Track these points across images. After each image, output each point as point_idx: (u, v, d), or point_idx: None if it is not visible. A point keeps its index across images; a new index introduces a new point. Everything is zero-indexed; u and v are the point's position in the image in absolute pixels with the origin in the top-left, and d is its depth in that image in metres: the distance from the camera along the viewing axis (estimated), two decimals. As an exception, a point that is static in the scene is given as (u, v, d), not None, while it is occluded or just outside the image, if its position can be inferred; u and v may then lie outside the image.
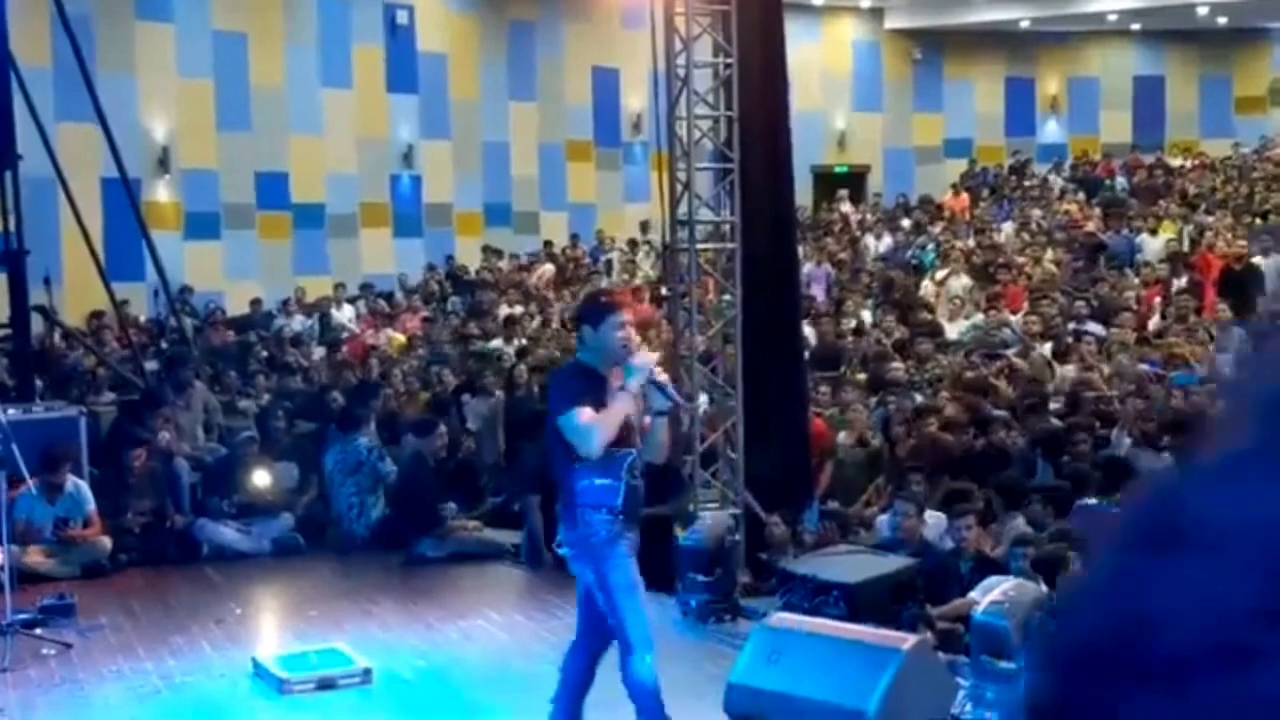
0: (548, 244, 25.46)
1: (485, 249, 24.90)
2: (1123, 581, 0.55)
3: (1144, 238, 20.01)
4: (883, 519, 9.99)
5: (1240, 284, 16.61)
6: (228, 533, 11.51)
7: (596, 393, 5.91)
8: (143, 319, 20.02)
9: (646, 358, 6.06)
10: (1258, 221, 19.93)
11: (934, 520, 9.42)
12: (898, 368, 14.06)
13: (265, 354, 17.68)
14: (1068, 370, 13.65)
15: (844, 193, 27.55)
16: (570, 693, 6.26)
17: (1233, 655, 0.50)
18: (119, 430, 12.45)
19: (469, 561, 11.06)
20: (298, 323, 20.82)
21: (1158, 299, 17.05)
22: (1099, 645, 0.54)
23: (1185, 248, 19.36)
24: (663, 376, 6.15)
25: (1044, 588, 7.09)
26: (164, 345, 17.79)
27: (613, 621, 6.05)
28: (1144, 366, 13.01)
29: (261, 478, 11.99)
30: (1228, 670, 0.50)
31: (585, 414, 5.85)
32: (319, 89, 23.93)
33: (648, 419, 6.16)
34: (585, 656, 6.27)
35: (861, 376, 14.18)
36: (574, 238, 26.21)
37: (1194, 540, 0.53)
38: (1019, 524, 9.18)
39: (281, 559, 11.41)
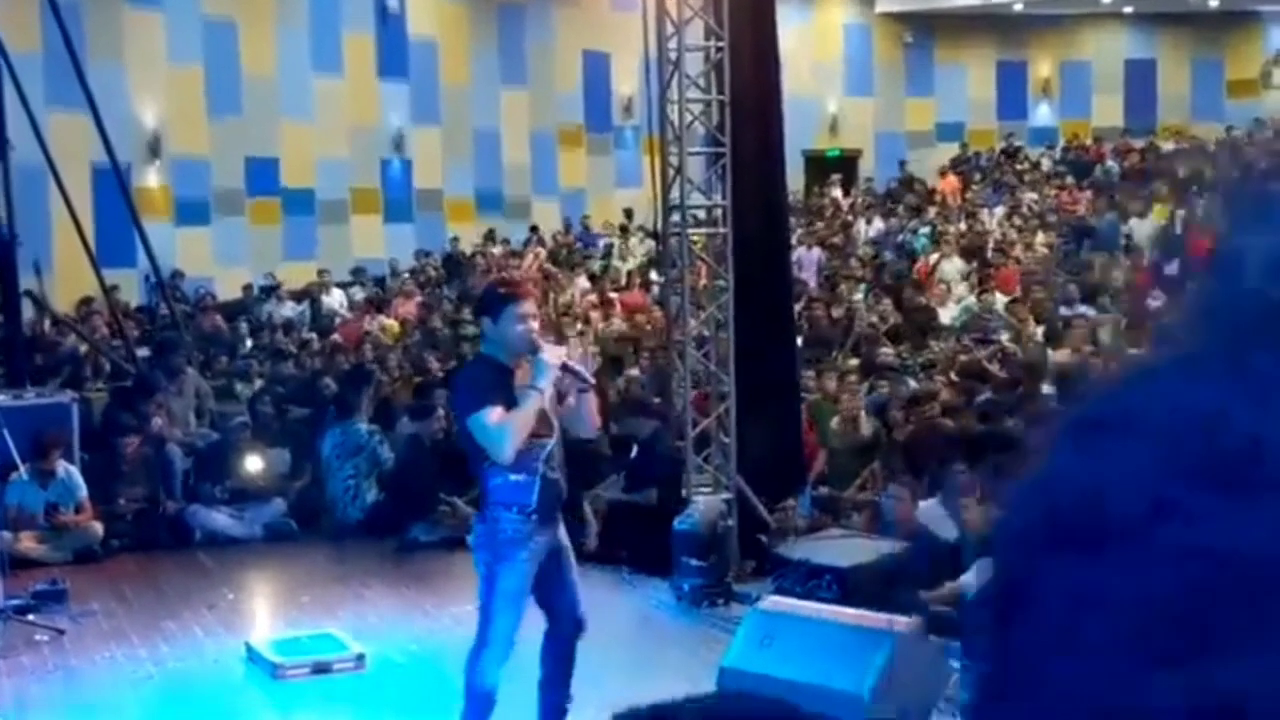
0: (533, 229, 25.45)
1: (486, 235, 24.91)
2: (1056, 469, 0.61)
3: (1134, 222, 20.02)
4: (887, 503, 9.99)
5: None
6: (220, 518, 11.51)
7: (505, 390, 5.71)
8: (134, 305, 20.00)
9: (554, 352, 5.83)
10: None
11: (926, 506, 9.42)
12: (888, 352, 14.07)
13: (252, 341, 17.67)
14: (1060, 355, 13.66)
15: (836, 177, 27.54)
16: (550, 680, 6.24)
17: (1159, 514, 0.56)
18: (111, 416, 12.44)
19: (462, 546, 11.03)
20: (288, 309, 20.79)
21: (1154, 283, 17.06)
22: (1033, 526, 0.60)
23: (1178, 231, 19.36)
24: (574, 362, 5.97)
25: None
26: (155, 331, 17.76)
27: (481, 618, 5.96)
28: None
29: (254, 463, 11.99)
30: (1153, 529, 0.56)
31: (495, 414, 5.63)
32: (309, 75, 23.86)
33: (570, 399, 6.01)
34: (556, 642, 6.26)
35: (854, 361, 14.20)
36: (567, 223, 26.20)
37: (1129, 428, 0.59)
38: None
39: (274, 544, 11.40)
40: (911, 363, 13.80)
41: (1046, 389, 12.27)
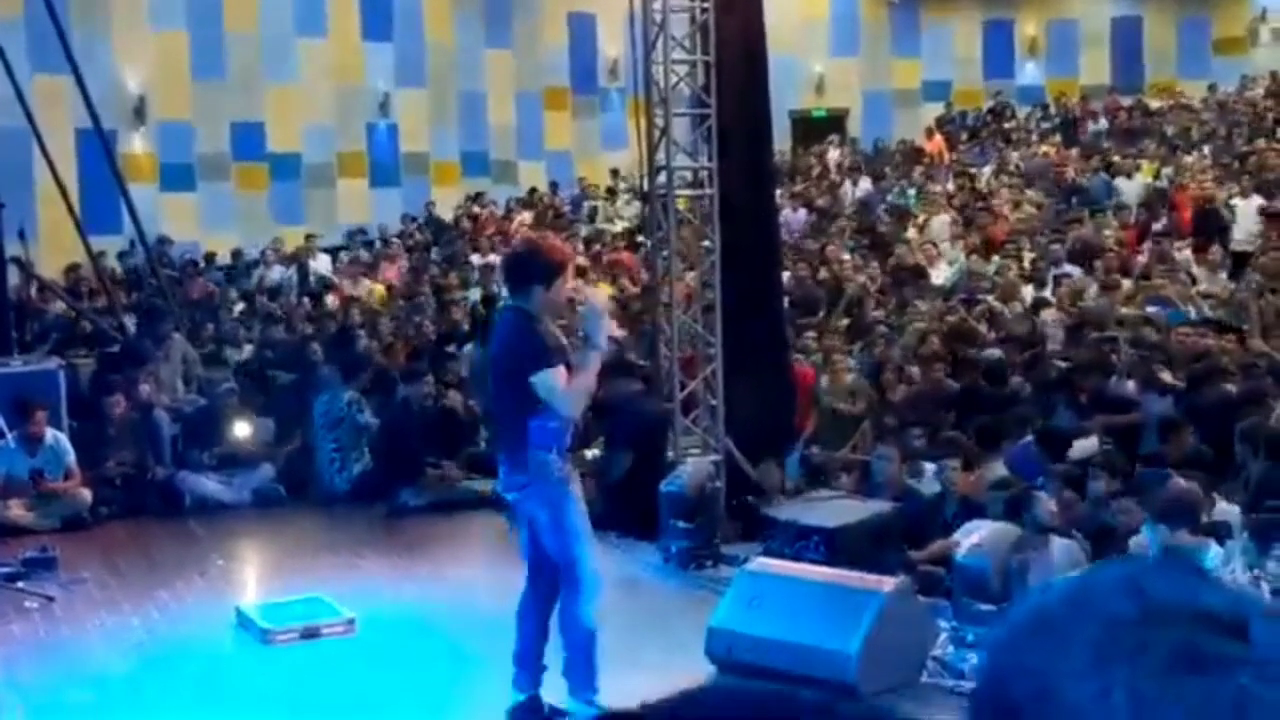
0: (533, 191, 25.42)
1: (470, 197, 24.84)
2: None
3: (1120, 180, 20.00)
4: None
5: (1215, 223, 16.68)
6: (209, 484, 11.51)
7: (560, 348, 5.92)
8: (120, 271, 19.95)
9: (600, 299, 6.03)
10: (1236, 163, 19.93)
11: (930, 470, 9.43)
12: (878, 314, 14.07)
13: (241, 305, 17.64)
14: (1048, 314, 13.67)
15: (835, 138, 27.41)
16: (532, 648, 6.25)
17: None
18: (98, 383, 12.42)
19: (451, 510, 11.07)
20: (276, 273, 20.76)
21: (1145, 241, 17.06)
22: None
23: (1166, 189, 19.36)
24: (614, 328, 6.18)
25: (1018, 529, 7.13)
26: (142, 297, 17.72)
27: (563, 562, 6.03)
28: (1153, 309, 12.93)
29: (242, 429, 11.98)
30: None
31: (561, 375, 5.81)
32: (294, 37, 23.74)
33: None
34: (540, 606, 6.25)
35: (844, 322, 14.21)
36: (553, 185, 26.13)
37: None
38: (997, 467, 9.21)
39: (263, 510, 11.40)
40: (897, 323, 13.79)
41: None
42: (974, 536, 6.97)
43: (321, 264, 21.05)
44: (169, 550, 10.11)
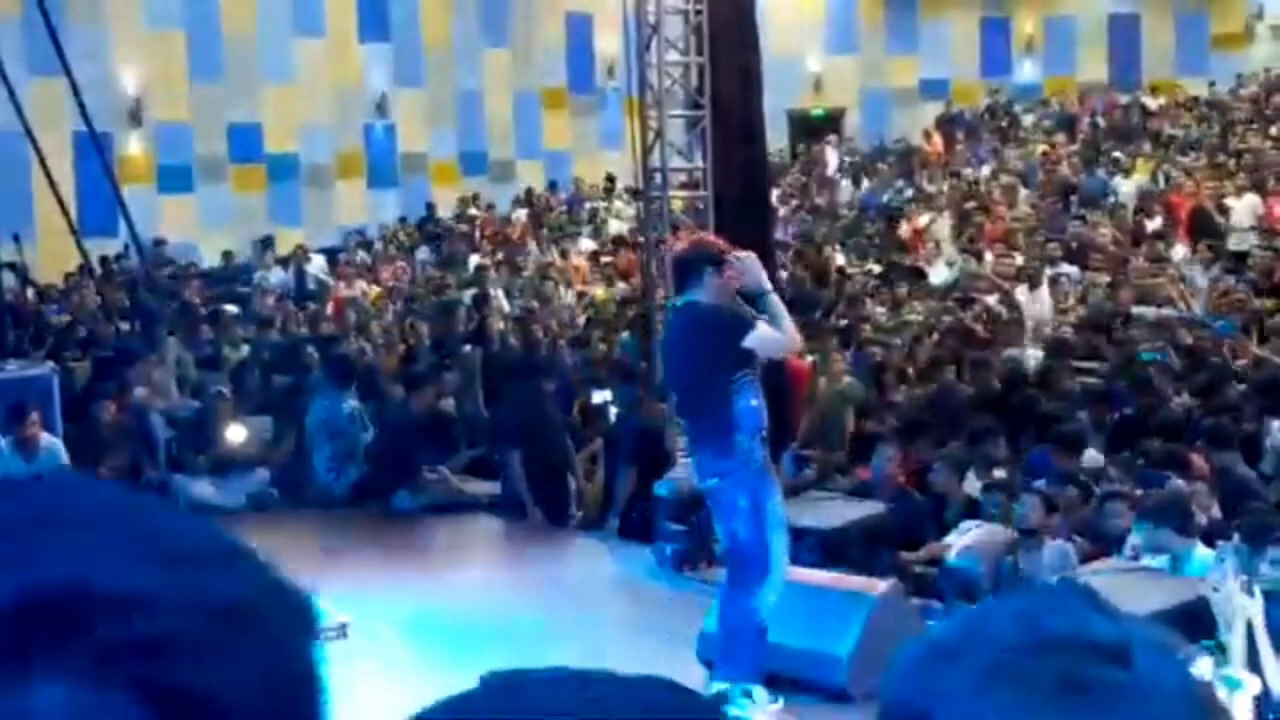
0: (529, 191, 25.41)
1: (464, 198, 24.82)
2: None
3: (1117, 179, 19.99)
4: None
5: (1211, 224, 16.67)
6: (203, 488, 11.49)
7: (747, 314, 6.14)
8: (117, 275, 19.93)
9: (746, 253, 6.32)
10: (1232, 162, 19.91)
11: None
12: (882, 311, 14.05)
13: (239, 308, 17.61)
14: (1041, 311, 13.67)
15: (833, 138, 27.34)
16: (757, 639, 6.15)
17: None
18: (92, 387, 12.41)
19: (446, 514, 11.06)
20: (276, 275, 20.75)
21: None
22: None
23: (1161, 188, 19.34)
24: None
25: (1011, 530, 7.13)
26: (137, 301, 17.70)
27: (755, 550, 6.03)
28: (1168, 311, 12.83)
29: (236, 433, 11.97)
30: None
31: (764, 325, 6.03)
32: (291, 37, 23.73)
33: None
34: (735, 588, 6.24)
35: (841, 322, 14.19)
36: (552, 185, 26.12)
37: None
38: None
39: (257, 514, 11.38)
40: (892, 324, 13.78)
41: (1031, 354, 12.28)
42: (966, 539, 6.98)
43: (317, 265, 21.04)
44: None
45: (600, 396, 11.87)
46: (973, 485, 8.81)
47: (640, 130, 10.31)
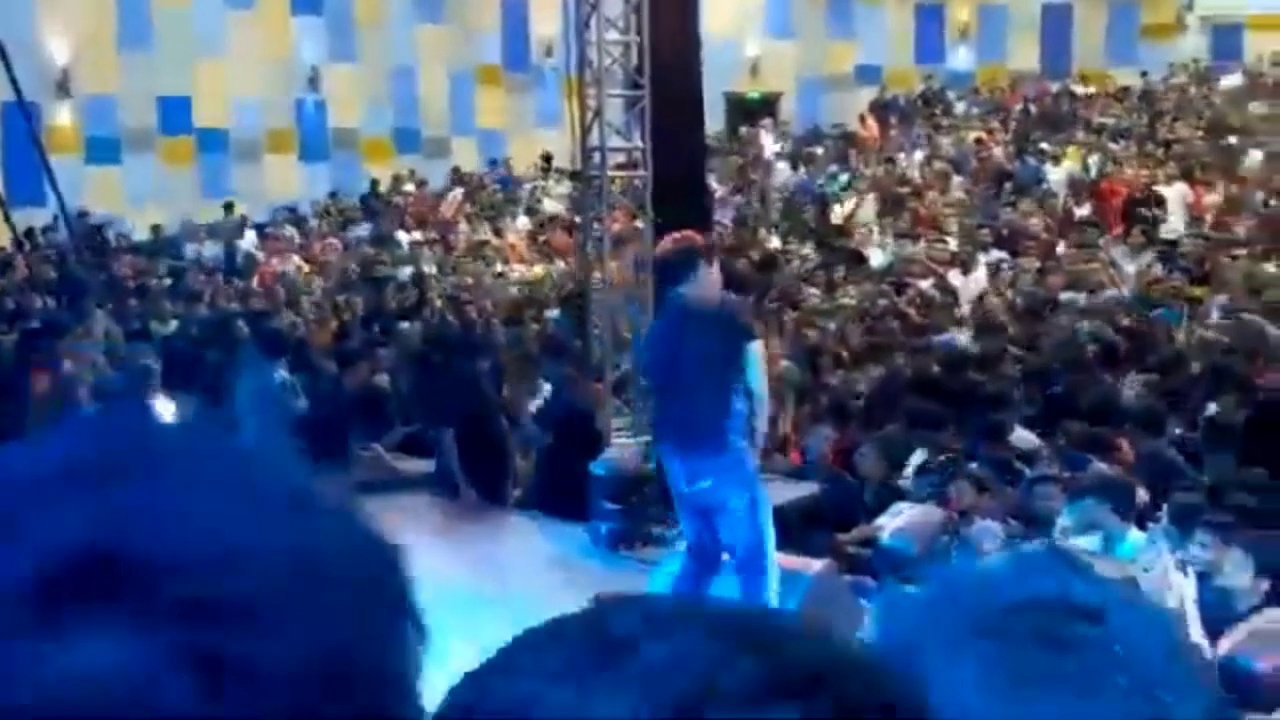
0: (455, 170, 25.24)
1: (397, 176, 24.63)
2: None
3: (1048, 166, 20.17)
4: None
5: (1143, 211, 16.87)
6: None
7: None
8: (44, 246, 19.63)
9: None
10: (1161, 151, 20.15)
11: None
12: (813, 294, 14.09)
13: (169, 281, 17.42)
14: (974, 291, 13.79)
15: (768, 121, 27.33)
16: None
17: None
18: (19, 360, 12.22)
19: (379, 491, 10.96)
20: (209, 250, 20.53)
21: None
22: None
23: (1092, 176, 19.54)
24: None
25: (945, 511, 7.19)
26: (64, 273, 17.45)
27: (748, 552, 6.14)
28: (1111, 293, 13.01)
29: (163, 406, 11.81)
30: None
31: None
32: (222, 10, 23.43)
33: None
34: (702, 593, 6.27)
35: (774, 305, 14.23)
36: (492, 163, 25.98)
37: None
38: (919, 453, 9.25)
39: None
40: (827, 307, 13.85)
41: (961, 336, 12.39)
42: (898, 520, 7.02)
43: (249, 240, 20.83)
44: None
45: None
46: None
47: (579, 109, 10.26)
